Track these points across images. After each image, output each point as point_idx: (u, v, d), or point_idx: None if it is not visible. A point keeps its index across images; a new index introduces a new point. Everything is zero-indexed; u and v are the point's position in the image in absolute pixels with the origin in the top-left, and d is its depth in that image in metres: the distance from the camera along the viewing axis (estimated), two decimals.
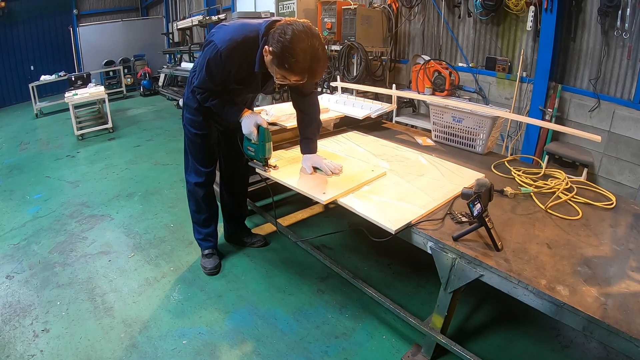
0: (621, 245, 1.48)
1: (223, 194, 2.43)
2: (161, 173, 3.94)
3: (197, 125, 2.03)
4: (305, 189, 1.80)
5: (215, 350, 1.77)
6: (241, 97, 2.00)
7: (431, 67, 3.67)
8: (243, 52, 1.67)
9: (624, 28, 2.95)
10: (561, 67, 3.52)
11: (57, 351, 1.76)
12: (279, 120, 2.41)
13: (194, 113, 2.01)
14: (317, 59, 1.53)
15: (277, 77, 1.64)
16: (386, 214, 1.59)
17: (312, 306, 2.04)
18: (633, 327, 1.07)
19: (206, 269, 2.29)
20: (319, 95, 3.27)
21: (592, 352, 1.78)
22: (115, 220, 2.97)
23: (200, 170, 2.15)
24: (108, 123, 5.59)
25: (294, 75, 1.56)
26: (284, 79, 1.61)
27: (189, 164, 2.19)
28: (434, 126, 2.60)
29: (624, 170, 3.23)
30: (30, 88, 7.01)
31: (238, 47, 1.66)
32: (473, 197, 1.41)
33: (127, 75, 8.87)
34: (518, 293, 1.29)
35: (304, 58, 1.50)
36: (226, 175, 2.36)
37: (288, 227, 2.52)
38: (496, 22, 3.90)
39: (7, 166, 4.39)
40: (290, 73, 1.55)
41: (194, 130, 2.04)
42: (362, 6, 4.46)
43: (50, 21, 9.22)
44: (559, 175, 1.99)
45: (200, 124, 2.03)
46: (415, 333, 1.82)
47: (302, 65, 1.52)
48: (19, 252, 2.57)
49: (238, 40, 1.66)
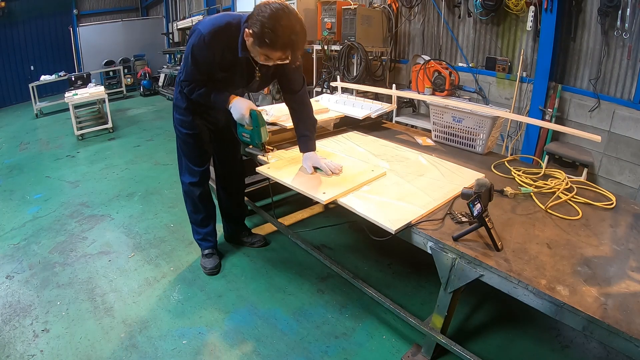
0: (621, 245, 1.47)
1: (220, 193, 2.43)
2: (161, 173, 3.94)
3: (187, 125, 2.02)
4: (305, 189, 1.80)
5: (215, 350, 1.77)
6: (229, 90, 1.96)
7: (431, 67, 3.67)
8: (227, 38, 1.69)
9: (624, 28, 2.95)
10: (561, 67, 3.52)
11: (57, 351, 1.76)
12: (279, 120, 2.41)
13: (184, 113, 2.00)
14: (296, 32, 1.56)
15: (261, 59, 1.66)
16: (386, 214, 1.59)
17: (312, 306, 2.04)
18: (633, 327, 1.07)
19: (206, 268, 2.29)
20: (319, 95, 3.29)
21: (592, 352, 1.78)
22: (115, 220, 2.97)
23: (194, 170, 2.15)
24: (108, 123, 5.59)
25: (275, 50, 1.57)
26: (267, 58, 1.63)
27: (183, 165, 2.19)
28: (434, 126, 2.60)
29: (624, 170, 3.24)
30: (30, 88, 7.01)
31: (221, 31, 1.68)
32: (473, 197, 1.41)
33: (127, 75, 8.87)
34: (518, 293, 1.29)
35: (284, 32, 1.53)
36: (222, 175, 2.36)
37: (288, 227, 2.51)
38: (496, 22, 3.90)
39: (7, 166, 4.39)
40: (272, 49, 1.57)
41: (185, 130, 2.03)
42: (362, 6, 4.46)
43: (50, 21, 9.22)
44: (559, 175, 1.99)
45: (190, 124, 2.02)
46: (415, 333, 1.82)
47: (283, 39, 1.54)
48: (19, 252, 2.57)
49: (221, 26, 1.68)
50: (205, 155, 2.17)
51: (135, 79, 9.01)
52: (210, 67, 1.78)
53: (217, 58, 1.74)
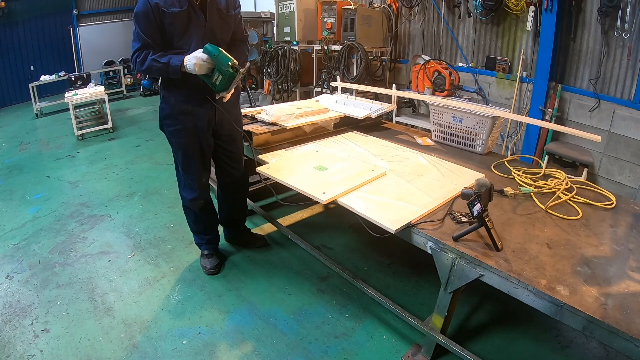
0: (621, 245, 1.48)
1: (222, 204, 2.40)
2: (161, 173, 3.94)
3: (172, 116, 1.94)
4: (305, 189, 1.80)
5: (215, 350, 1.77)
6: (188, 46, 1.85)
7: (431, 67, 3.67)
8: None
9: (624, 28, 2.96)
10: (561, 67, 3.52)
11: (57, 351, 1.76)
12: (279, 120, 2.41)
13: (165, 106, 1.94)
14: None
15: None
16: (386, 214, 1.59)
17: (312, 306, 2.04)
18: (633, 327, 1.07)
19: (206, 268, 2.29)
20: (319, 95, 3.29)
21: (592, 352, 1.78)
22: (115, 220, 2.97)
23: (193, 184, 2.09)
24: (108, 123, 5.59)
25: None
26: None
27: (181, 179, 2.15)
28: (434, 126, 2.60)
29: (624, 170, 3.24)
30: (30, 88, 7.00)
31: None
32: (473, 197, 1.41)
33: (127, 75, 8.86)
34: (518, 293, 1.29)
35: None
36: (224, 185, 2.31)
37: (288, 227, 2.51)
38: (496, 22, 3.90)
39: (7, 166, 4.38)
40: None
41: (172, 126, 1.96)
42: (362, 6, 4.46)
43: (50, 21, 9.20)
44: (559, 175, 1.99)
45: (174, 116, 1.93)
46: (415, 333, 1.82)
47: None
48: (19, 252, 2.57)
49: None
50: (202, 162, 2.06)
51: (135, 79, 9.00)
52: (159, 23, 1.76)
53: (161, 4, 1.73)
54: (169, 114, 1.96)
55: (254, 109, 2.65)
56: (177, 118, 1.95)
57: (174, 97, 1.92)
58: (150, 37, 1.78)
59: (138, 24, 1.77)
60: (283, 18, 4.97)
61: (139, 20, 1.77)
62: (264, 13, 5.79)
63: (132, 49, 1.81)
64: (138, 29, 1.78)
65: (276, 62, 5.06)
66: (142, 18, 1.76)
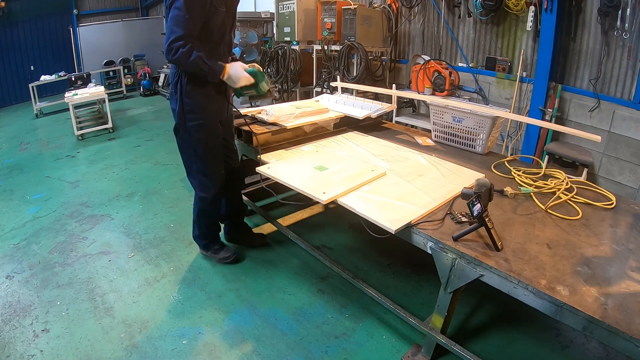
0: (621, 245, 1.48)
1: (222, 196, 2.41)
2: (161, 173, 3.94)
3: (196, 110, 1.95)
4: (305, 189, 1.80)
5: (215, 350, 1.77)
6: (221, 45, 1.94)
7: (431, 67, 3.67)
8: None
9: (624, 28, 2.95)
10: (561, 67, 3.52)
11: (57, 351, 1.76)
12: (279, 120, 2.41)
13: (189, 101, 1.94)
14: None
15: None
16: (386, 214, 1.59)
17: (312, 306, 2.04)
18: (633, 327, 1.07)
19: (228, 258, 2.33)
20: (319, 95, 3.29)
21: (592, 352, 1.78)
22: (115, 220, 2.97)
23: (214, 178, 2.11)
24: (108, 123, 5.59)
25: None
26: None
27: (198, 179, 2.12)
28: (434, 126, 2.60)
29: (624, 170, 3.24)
30: (30, 88, 7.01)
31: None
32: (473, 197, 1.41)
33: (127, 75, 8.86)
34: (518, 293, 1.29)
35: None
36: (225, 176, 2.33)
37: (288, 227, 2.51)
38: (496, 22, 3.90)
39: (7, 166, 4.39)
40: None
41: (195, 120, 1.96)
42: (362, 6, 4.46)
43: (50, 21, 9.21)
44: (559, 175, 1.99)
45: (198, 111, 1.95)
46: (415, 333, 1.82)
47: None
48: (19, 252, 2.57)
49: None
50: (221, 157, 2.14)
51: (135, 79, 9.00)
52: (208, 7, 1.74)
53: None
54: (193, 109, 1.97)
55: (254, 109, 2.65)
56: (201, 112, 1.99)
57: (199, 94, 1.95)
58: (195, 27, 1.74)
59: (189, 11, 1.68)
60: (283, 18, 4.97)
61: (193, 7, 1.68)
62: (264, 13, 5.78)
63: (173, 34, 1.70)
64: (187, 15, 1.68)
65: (276, 62, 5.06)
66: (198, 6, 1.69)
